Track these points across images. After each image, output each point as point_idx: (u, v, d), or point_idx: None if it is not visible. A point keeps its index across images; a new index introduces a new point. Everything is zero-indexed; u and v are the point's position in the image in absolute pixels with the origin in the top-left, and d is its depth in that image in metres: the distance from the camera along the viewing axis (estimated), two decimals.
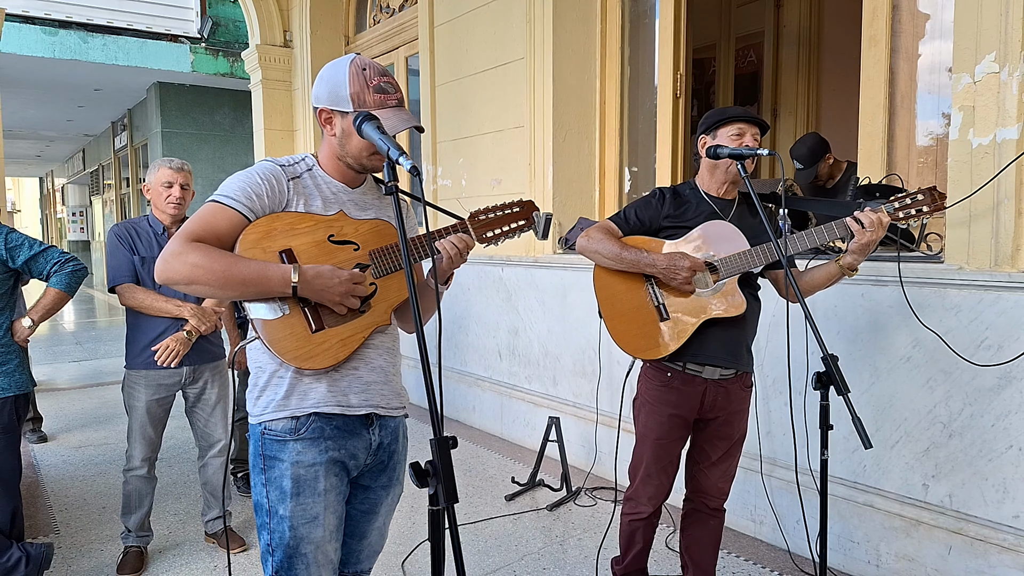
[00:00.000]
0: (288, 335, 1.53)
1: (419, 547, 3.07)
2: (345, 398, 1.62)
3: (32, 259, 2.68)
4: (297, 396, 1.59)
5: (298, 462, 1.58)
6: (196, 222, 1.51)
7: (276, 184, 1.57)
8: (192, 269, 1.45)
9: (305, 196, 1.61)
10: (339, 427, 1.63)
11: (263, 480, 1.61)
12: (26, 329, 2.73)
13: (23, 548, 2.68)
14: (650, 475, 2.26)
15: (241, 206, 1.53)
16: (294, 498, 1.58)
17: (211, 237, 1.50)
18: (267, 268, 1.50)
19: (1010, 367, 2.35)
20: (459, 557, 1.22)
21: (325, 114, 1.60)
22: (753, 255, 2.13)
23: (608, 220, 2.28)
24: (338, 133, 1.60)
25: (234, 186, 1.55)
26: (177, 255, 1.46)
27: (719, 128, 2.19)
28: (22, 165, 21.71)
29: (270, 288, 1.50)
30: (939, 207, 2.04)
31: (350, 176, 1.67)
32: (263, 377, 1.61)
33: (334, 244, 1.60)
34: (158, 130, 10.59)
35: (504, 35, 4.50)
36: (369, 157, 1.60)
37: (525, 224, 1.83)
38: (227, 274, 1.46)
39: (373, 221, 1.67)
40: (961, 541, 2.48)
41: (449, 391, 5.15)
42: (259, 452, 1.61)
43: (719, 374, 2.22)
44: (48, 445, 4.68)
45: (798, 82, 6.10)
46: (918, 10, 3.01)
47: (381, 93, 1.56)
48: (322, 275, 1.53)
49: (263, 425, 1.60)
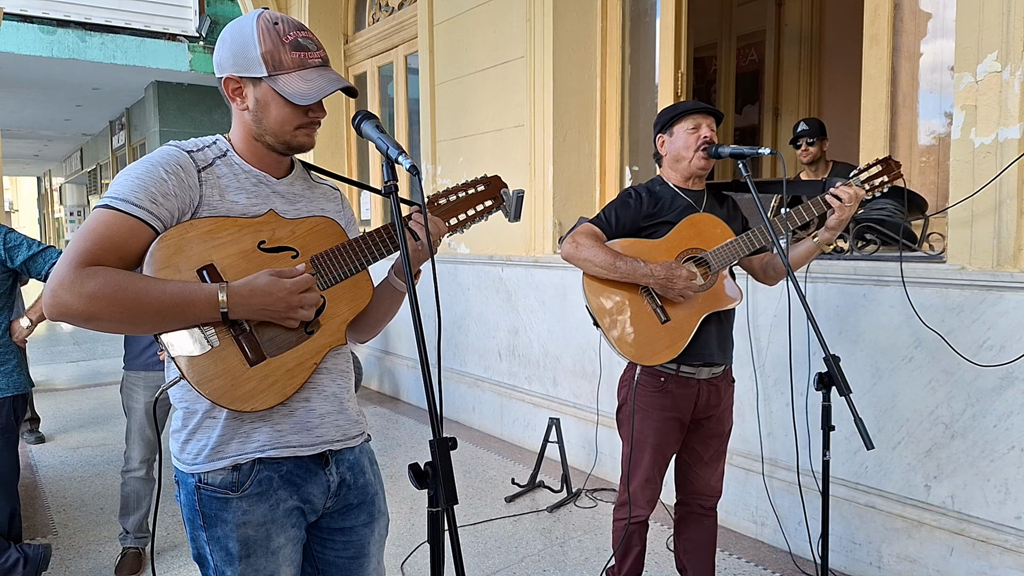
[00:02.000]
0: (221, 371, 1.24)
1: (418, 549, 3.05)
2: (297, 436, 1.35)
3: (31, 259, 2.67)
4: (238, 440, 1.31)
5: (246, 523, 1.32)
6: (87, 238, 1.17)
7: (184, 177, 1.26)
8: (90, 302, 1.13)
9: (220, 189, 1.30)
10: (290, 471, 1.36)
11: (204, 537, 1.34)
12: (24, 329, 2.72)
13: (21, 549, 2.67)
14: (649, 479, 2.25)
15: (143, 212, 1.20)
16: (243, 560, 1.33)
17: (110, 256, 1.18)
18: (188, 291, 1.19)
19: (1012, 367, 2.34)
20: (459, 559, 1.21)
21: (233, 84, 1.30)
22: (741, 243, 2.13)
23: (590, 223, 2.24)
24: (251, 106, 1.31)
25: (130, 185, 1.22)
26: (67, 286, 1.13)
27: (674, 125, 2.20)
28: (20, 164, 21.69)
29: (194, 316, 1.21)
30: (897, 175, 2.10)
31: (272, 161, 1.38)
32: (193, 419, 1.31)
33: (266, 253, 1.30)
34: (156, 129, 10.57)
35: (504, 34, 4.49)
36: (294, 132, 1.32)
37: (493, 204, 1.56)
38: (138, 305, 1.15)
39: (313, 219, 1.37)
40: (963, 542, 2.47)
41: (449, 392, 5.14)
42: (195, 507, 1.33)
43: (710, 373, 2.22)
44: (46, 446, 4.67)
45: (799, 81, 6.09)
46: (920, 9, 3.00)
47: (300, 51, 1.29)
48: (259, 289, 1.23)
49: (196, 477, 1.31)
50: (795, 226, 2.10)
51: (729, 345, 2.27)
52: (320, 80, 1.29)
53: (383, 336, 6.06)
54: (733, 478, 3.08)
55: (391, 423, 5.13)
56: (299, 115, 1.32)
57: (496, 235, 4.63)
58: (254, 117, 1.32)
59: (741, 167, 2.10)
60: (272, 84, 1.28)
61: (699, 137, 2.16)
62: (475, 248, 4.89)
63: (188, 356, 1.23)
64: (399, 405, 5.64)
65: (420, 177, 1.28)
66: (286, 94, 1.28)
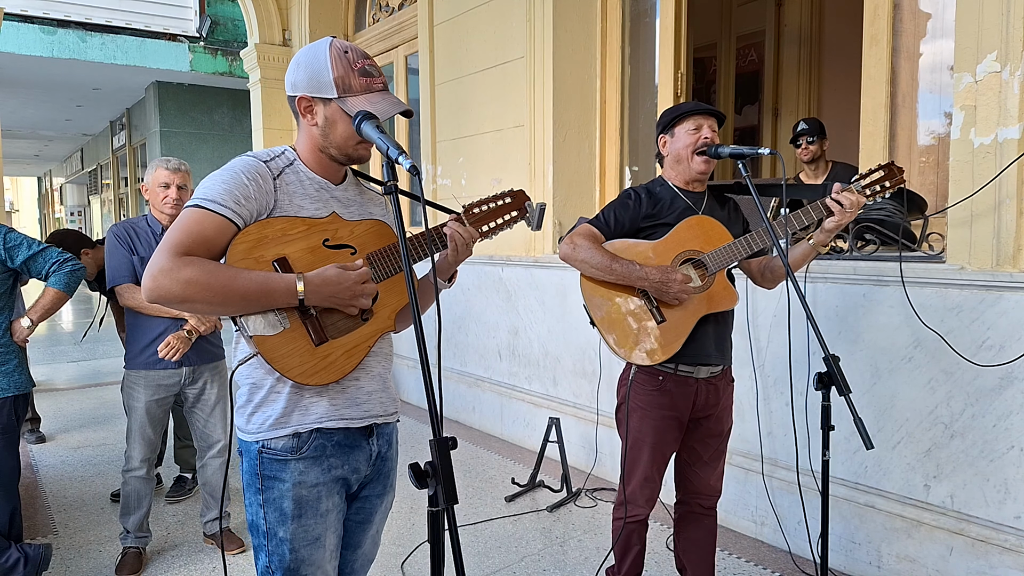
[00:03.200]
0: (291, 351, 1.43)
1: (419, 548, 3.06)
2: (348, 411, 1.54)
3: (31, 259, 2.67)
4: (299, 412, 1.49)
5: (301, 483, 1.49)
6: (181, 232, 1.37)
7: (263, 184, 1.45)
8: (186, 287, 1.32)
9: (291, 195, 1.49)
10: (340, 442, 1.54)
11: (260, 501, 1.51)
12: (25, 329, 2.72)
13: (21, 549, 2.68)
14: (648, 478, 2.26)
15: (229, 211, 1.39)
16: (295, 520, 1.50)
17: (200, 248, 1.36)
18: (270, 280, 1.38)
19: (1012, 367, 2.35)
20: (459, 559, 1.21)
21: (305, 102, 1.49)
22: (739, 246, 2.13)
23: (588, 224, 2.25)
24: (320, 122, 1.49)
25: (218, 189, 1.40)
26: (167, 272, 1.32)
27: (676, 126, 2.20)
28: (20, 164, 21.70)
29: (274, 301, 1.39)
30: (899, 180, 2.09)
31: (333, 170, 1.56)
32: (259, 393, 1.50)
33: (330, 249, 1.50)
34: (156, 129, 10.58)
35: (504, 34, 4.49)
36: (356, 146, 1.50)
37: (518, 215, 1.76)
38: (227, 290, 1.34)
39: (369, 222, 1.57)
40: (962, 542, 2.47)
41: (449, 391, 5.14)
42: (256, 472, 1.50)
43: (709, 372, 2.22)
44: (46, 446, 4.67)
45: (799, 81, 6.10)
46: (919, 9, 3.01)
47: (367, 76, 1.47)
48: (329, 280, 1.42)
49: (260, 443, 1.50)
50: (794, 230, 2.11)
51: (727, 346, 2.28)
52: (384, 103, 1.46)
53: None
54: (733, 478, 3.09)
55: None
56: None
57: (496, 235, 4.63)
58: (322, 132, 1.50)
59: (741, 167, 2.10)
60: (342, 105, 1.46)
61: (700, 138, 2.16)
62: (475, 248, 4.89)
63: (264, 336, 1.42)
64: (399, 405, 5.64)
65: (420, 177, 1.32)
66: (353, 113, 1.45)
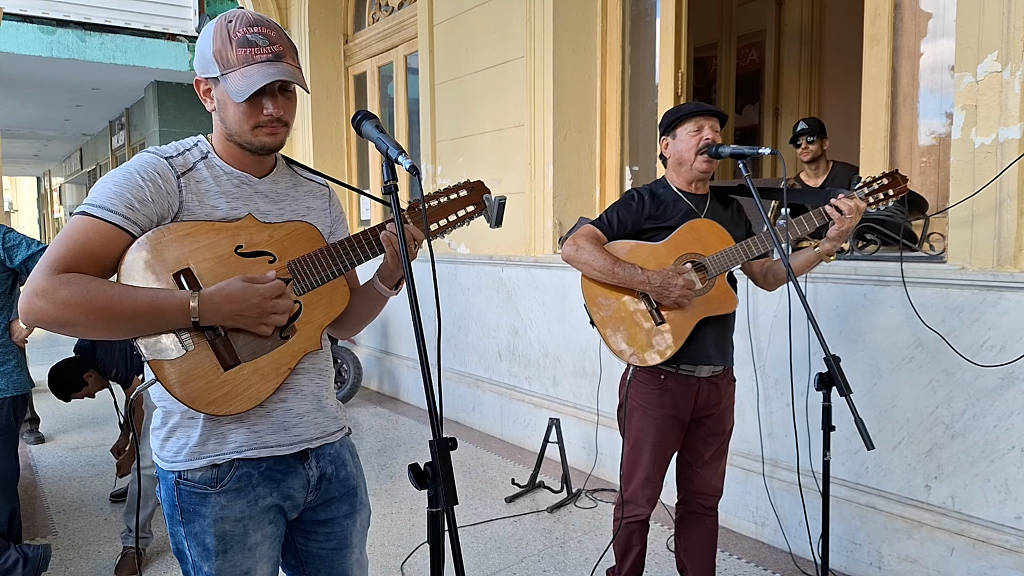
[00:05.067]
0: (195, 376, 1.25)
1: (418, 549, 3.05)
2: (274, 436, 1.36)
3: (30, 259, 2.67)
4: (215, 441, 1.33)
5: (223, 518, 1.34)
6: (63, 246, 1.19)
7: (163, 184, 1.26)
8: (64, 310, 1.15)
9: (201, 195, 1.30)
10: (269, 469, 1.37)
11: (183, 532, 1.36)
12: (24, 330, 2.72)
13: (20, 550, 2.67)
14: (649, 477, 2.26)
15: (119, 218, 1.22)
16: (220, 555, 1.34)
17: (85, 262, 1.20)
18: (157, 297, 1.21)
19: (1012, 368, 2.34)
20: (459, 559, 1.20)
21: (203, 85, 1.31)
22: (740, 250, 2.13)
23: (591, 225, 2.25)
24: (217, 107, 1.31)
25: (107, 191, 1.23)
26: (42, 293, 1.15)
27: (677, 127, 2.20)
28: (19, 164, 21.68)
29: (166, 323, 1.22)
30: (903, 189, 2.08)
31: (250, 161, 1.36)
32: (172, 418, 1.34)
33: (243, 257, 1.30)
34: (156, 129, 10.56)
35: (504, 34, 4.48)
36: (253, 130, 1.29)
37: (475, 210, 1.56)
38: (111, 312, 1.17)
39: (292, 224, 1.37)
40: (963, 542, 2.47)
41: (449, 392, 5.14)
42: (174, 503, 1.35)
43: (710, 371, 2.22)
44: (46, 446, 4.67)
45: (800, 81, 6.09)
46: (920, 9, 3.00)
47: (247, 47, 1.25)
48: (232, 296, 1.24)
49: (177, 473, 1.34)
50: (796, 237, 2.10)
51: (728, 347, 2.28)
52: (257, 75, 1.24)
53: (383, 336, 6.05)
54: (733, 478, 3.08)
55: (391, 423, 5.13)
56: (253, 113, 1.29)
57: (496, 235, 4.63)
58: (220, 117, 1.32)
59: (741, 167, 2.10)
60: (224, 83, 1.27)
61: (701, 139, 2.15)
62: (475, 248, 4.89)
63: (162, 360, 1.24)
64: (399, 405, 5.64)
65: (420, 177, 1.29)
66: (229, 92, 1.26)
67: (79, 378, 3.34)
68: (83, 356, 3.40)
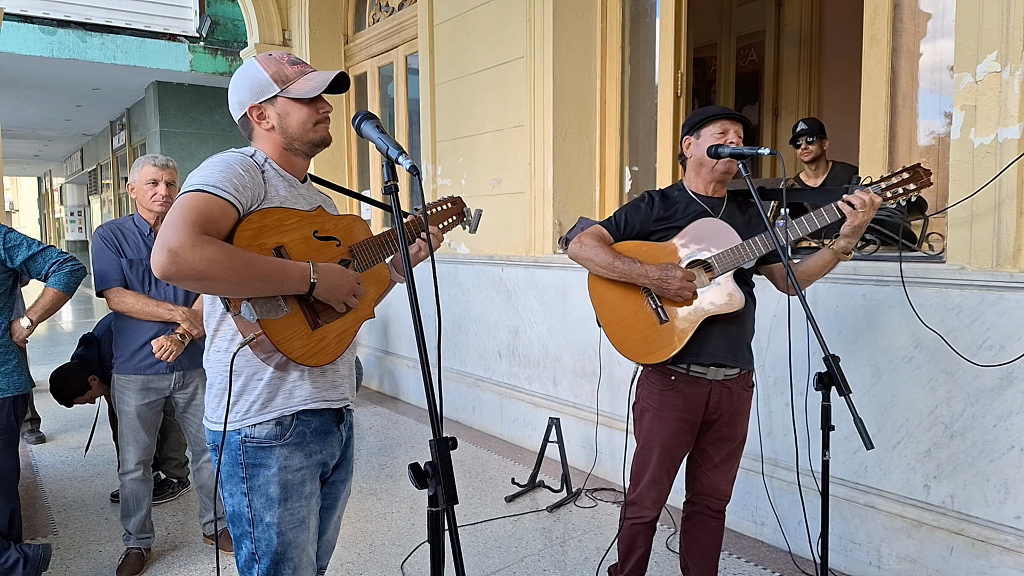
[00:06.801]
0: (294, 334, 1.50)
1: (419, 549, 3.06)
2: (328, 393, 1.63)
3: (31, 259, 2.67)
4: (282, 396, 1.56)
5: (286, 467, 1.56)
6: (194, 212, 1.37)
7: (255, 175, 1.52)
8: (210, 264, 1.33)
9: (274, 187, 1.57)
10: (317, 428, 1.62)
11: (244, 489, 1.56)
12: (24, 329, 2.72)
13: (21, 549, 2.67)
14: (656, 479, 2.25)
15: (231, 195, 1.43)
16: (282, 503, 1.56)
17: (211, 228, 1.38)
18: (285, 266, 1.45)
19: (1012, 367, 2.35)
20: (459, 559, 1.21)
21: (256, 111, 1.57)
22: (746, 248, 2.13)
23: (600, 225, 2.27)
24: (276, 123, 1.58)
25: (219, 176, 1.45)
26: (189, 247, 1.32)
27: (702, 128, 2.20)
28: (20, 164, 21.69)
29: (287, 286, 1.46)
30: (925, 183, 2.04)
31: (299, 168, 1.66)
32: (238, 382, 1.55)
33: (319, 240, 1.59)
34: (156, 129, 10.56)
35: (504, 34, 4.49)
36: (314, 127, 1.59)
37: (457, 220, 1.98)
38: (247, 271, 1.38)
39: (350, 216, 1.68)
40: (963, 542, 2.47)
41: (449, 392, 5.14)
42: (238, 462, 1.56)
43: (723, 374, 2.20)
44: (46, 446, 4.67)
45: (799, 81, 6.09)
46: (919, 9, 3.00)
47: (298, 64, 1.59)
48: (334, 274, 1.52)
49: (242, 433, 1.55)
50: (806, 233, 2.09)
51: (741, 349, 2.24)
52: (320, 77, 1.56)
53: (383, 336, 6.06)
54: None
55: (391, 423, 5.13)
56: (313, 112, 1.58)
57: (496, 235, 4.63)
58: (280, 129, 1.58)
59: (741, 167, 2.11)
60: (287, 94, 1.56)
61: (725, 143, 2.15)
62: (475, 248, 4.90)
63: (269, 319, 1.47)
64: (399, 405, 5.64)
65: (420, 177, 1.34)
66: (299, 95, 1.55)
67: (82, 383, 3.34)
68: (85, 360, 3.40)
